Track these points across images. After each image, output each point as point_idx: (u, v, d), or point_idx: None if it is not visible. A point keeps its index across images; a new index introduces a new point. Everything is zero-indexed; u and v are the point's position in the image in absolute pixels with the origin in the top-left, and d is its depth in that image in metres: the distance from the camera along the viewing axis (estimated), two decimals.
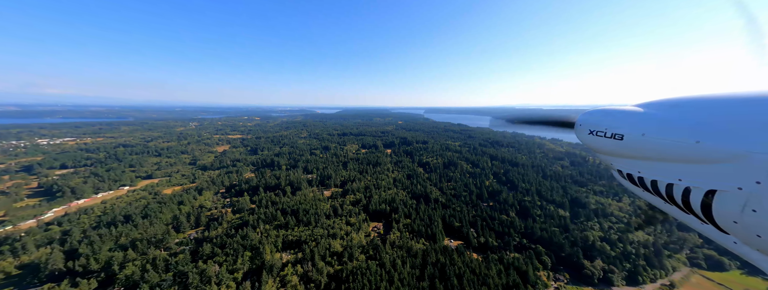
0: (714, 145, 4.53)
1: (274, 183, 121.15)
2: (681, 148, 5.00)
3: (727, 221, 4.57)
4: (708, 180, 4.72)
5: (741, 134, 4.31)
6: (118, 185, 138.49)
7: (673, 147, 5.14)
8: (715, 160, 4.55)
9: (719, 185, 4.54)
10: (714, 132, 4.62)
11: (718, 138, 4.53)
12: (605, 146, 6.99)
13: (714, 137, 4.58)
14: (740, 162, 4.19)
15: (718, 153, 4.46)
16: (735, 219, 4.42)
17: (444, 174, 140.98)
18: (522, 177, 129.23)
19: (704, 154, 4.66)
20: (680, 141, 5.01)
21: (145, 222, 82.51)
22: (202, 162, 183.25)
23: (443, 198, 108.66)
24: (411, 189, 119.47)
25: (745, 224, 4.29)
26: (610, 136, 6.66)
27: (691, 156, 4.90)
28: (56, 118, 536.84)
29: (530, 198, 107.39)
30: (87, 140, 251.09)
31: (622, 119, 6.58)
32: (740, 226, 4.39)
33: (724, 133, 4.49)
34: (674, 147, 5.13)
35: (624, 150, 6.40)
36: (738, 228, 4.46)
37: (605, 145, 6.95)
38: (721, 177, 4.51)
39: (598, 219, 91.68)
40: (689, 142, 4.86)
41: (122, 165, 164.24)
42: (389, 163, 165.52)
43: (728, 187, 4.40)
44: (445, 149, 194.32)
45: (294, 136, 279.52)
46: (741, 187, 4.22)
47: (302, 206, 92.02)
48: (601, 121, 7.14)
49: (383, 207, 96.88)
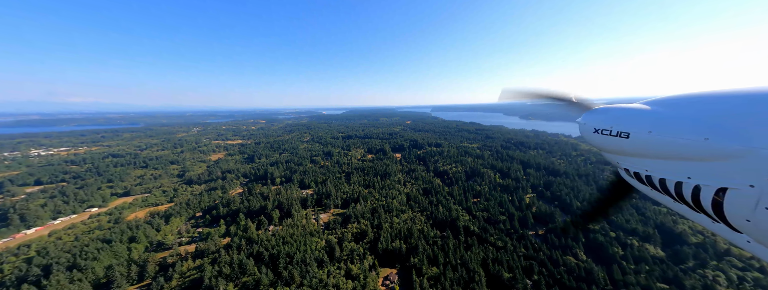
0: (723, 142, 4.30)
1: (259, 207, 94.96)
2: (689, 146, 4.74)
3: (740, 219, 4.34)
4: (718, 178, 4.47)
5: (751, 131, 4.10)
6: (86, 206, 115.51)
7: (681, 145, 4.88)
8: (725, 158, 4.32)
9: (730, 183, 4.30)
10: (723, 129, 4.40)
11: (727, 135, 4.30)
12: (611, 145, 6.61)
13: (723, 134, 4.35)
14: (751, 159, 3.96)
15: (728, 151, 4.23)
16: (747, 217, 4.18)
17: (468, 187, 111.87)
18: (572, 192, 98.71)
19: (714, 152, 4.42)
20: (688, 138, 4.75)
21: (64, 279, 57.43)
22: (191, 173, 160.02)
23: (475, 226, 79.92)
24: (430, 211, 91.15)
25: (758, 222, 4.07)
26: (615, 134, 6.27)
27: (700, 153, 4.64)
28: (70, 126, 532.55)
29: (594, 224, 77.35)
30: (81, 150, 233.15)
31: (627, 117, 6.24)
32: (753, 225, 4.16)
33: (733, 130, 4.28)
34: (682, 145, 4.86)
35: (630, 148, 6.09)
36: (750, 226, 4.22)
37: (611, 143, 6.55)
38: (731, 175, 4.28)
39: (713, 261, 61.18)
40: (698, 139, 4.60)
41: (100, 180, 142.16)
42: (400, 173, 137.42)
43: (739, 185, 4.16)
44: (463, 153, 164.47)
45: (296, 141, 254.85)
46: (753, 185, 3.97)
47: (285, 248, 65.02)
48: (605, 119, 6.75)
49: (397, 244, 69.05)
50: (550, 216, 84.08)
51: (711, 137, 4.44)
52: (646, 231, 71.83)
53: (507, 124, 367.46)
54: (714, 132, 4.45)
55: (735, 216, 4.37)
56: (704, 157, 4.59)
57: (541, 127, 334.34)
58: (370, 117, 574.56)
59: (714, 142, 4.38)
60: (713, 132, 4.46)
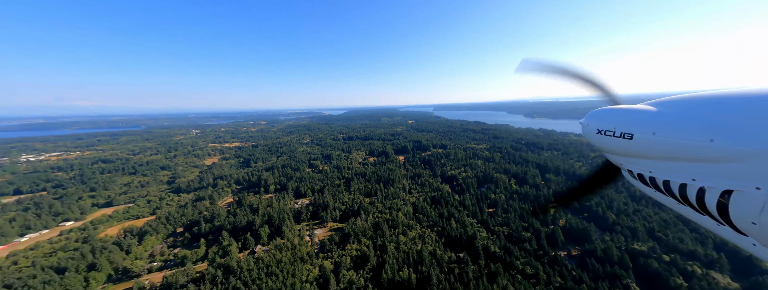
0: (729, 143, 4.17)
1: (247, 223, 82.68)
2: (694, 147, 4.64)
3: (745, 222, 4.19)
4: (724, 180, 4.36)
5: (758, 132, 3.97)
6: (60, 220, 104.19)
7: (686, 147, 4.78)
8: (730, 159, 4.20)
9: (736, 185, 4.17)
10: (729, 130, 4.28)
11: (733, 136, 4.18)
12: (614, 146, 6.46)
13: (729, 135, 4.22)
14: (758, 161, 3.87)
15: (734, 152, 4.12)
16: (753, 220, 4.04)
17: (481, 195, 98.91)
18: (603, 202, 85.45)
19: (719, 153, 4.31)
20: (693, 140, 4.65)
21: None
22: (181, 180, 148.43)
23: (497, 247, 67.06)
24: (441, 225, 78.39)
25: (765, 225, 3.93)
26: (619, 135, 6.14)
27: (705, 155, 4.53)
28: (72, 130, 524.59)
29: (641, 244, 64.30)
30: (73, 155, 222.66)
31: (631, 118, 6.11)
32: (759, 228, 4.02)
33: (739, 131, 4.16)
34: (687, 147, 4.76)
35: (634, 149, 5.95)
36: (757, 229, 4.08)
37: (614, 144, 6.41)
38: (737, 177, 4.16)
39: None
40: (703, 140, 4.48)
41: (82, 189, 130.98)
42: (404, 179, 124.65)
43: (745, 187, 4.04)
44: (472, 156, 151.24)
45: (295, 143, 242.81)
46: (759, 187, 3.86)
47: (269, 282, 52.48)
48: (609, 120, 6.61)
49: (405, 273, 56.37)
50: (583, 232, 70.95)
51: (717, 138, 4.30)
52: (708, 254, 58.50)
53: (512, 122, 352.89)
54: (720, 133, 4.32)
55: (741, 219, 4.23)
56: (709, 159, 4.47)
57: (548, 126, 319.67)
58: (371, 117, 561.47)
59: (720, 144, 4.25)
60: (719, 133, 4.33)
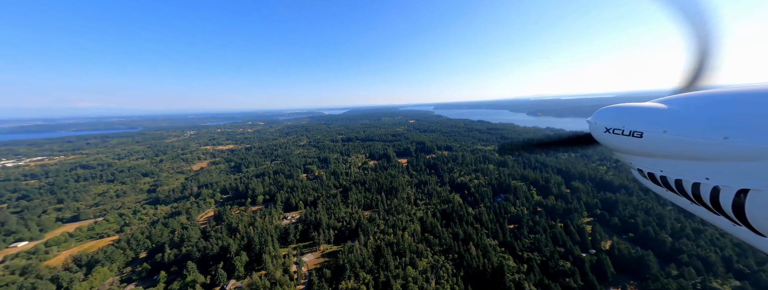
0: (744, 141, 3.99)
1: (220, 249, 67.24)
2: (707, 145, 4.41)
3: (763, 222, 4.05)
4: (739, 178, 4.17)
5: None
6: (12, 240, 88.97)
7: (698, 145, 4.55)
8: (746, 158, 4.01)
9: (752, 184, 3.99)
10: (744, 127, 4.08)
11: (748, 134, 3.98)
12: (623, 144, 6.19)
13: (744, 133, 4.03)
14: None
15: (750, 150, 3.93)
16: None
17: (499, 208, 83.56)
18: (652, 219, 70.03)
19: (733, 151, 4.12)
20: (706, 137, 4.42)
21: None
22: (162, 188, 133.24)
23: (531, 283, 51.80)
24: (457, 251, 63.04)
25: None
26: (628, 133, 5.88)
27: (718, 153, 4.32)
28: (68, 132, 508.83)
29: (721, 281, 49.03)
30: (55, 160, 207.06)
31: (640, 116, 5.83)
32: None
33: (755, 129, 3.95)
34: (699, 145, 4.53)
35: (644, 148, 5.70)
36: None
37: (623, 143, 6.15)
38: (753, 176, 3.97)
39: None
40: (716, 138, 4.26)
41: (48, 201, 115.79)
42: (409, 187, 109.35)
43: (763, 186, 3.88)
44: (482, 160, 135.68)
45: (291, 145, 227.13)
46: None
47: None
48: (617, 118, 6.29)
49: None
50: (637, 262, 55.56)
51: (731, 136, 4.11)
52: None
53: (516, 121, 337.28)
54: (734, 131, 4.13)
55: (758, 219, 4.05)
56: (724, 157, 4.27)
57: (553, 124, 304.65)
58: (371, 116, 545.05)
59: (734, 142, 4.06)
60: (734, 131, 4.13)
